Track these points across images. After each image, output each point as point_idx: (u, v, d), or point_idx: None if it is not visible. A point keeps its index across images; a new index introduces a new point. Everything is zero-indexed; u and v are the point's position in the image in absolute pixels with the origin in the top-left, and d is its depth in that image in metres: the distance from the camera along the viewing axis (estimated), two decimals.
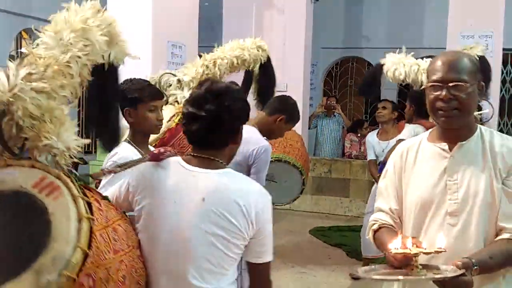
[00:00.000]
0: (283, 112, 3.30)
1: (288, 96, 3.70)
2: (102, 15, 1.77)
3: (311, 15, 7.88)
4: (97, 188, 2.19)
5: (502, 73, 8.14)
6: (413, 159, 1.98)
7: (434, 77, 1.87)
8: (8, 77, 1.49)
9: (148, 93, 2.71)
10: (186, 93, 3.97)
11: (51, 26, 1.67)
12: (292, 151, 4.93)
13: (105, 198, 1.71)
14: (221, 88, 1.79)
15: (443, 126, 1.89)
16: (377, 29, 9.65)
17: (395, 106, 5.40)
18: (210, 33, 8.62)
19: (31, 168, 1.56)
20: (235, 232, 1.70)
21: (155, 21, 5.28)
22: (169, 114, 3.76)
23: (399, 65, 4.21)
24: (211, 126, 1.74)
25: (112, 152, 2.40)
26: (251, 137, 3.07)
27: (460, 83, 1.82)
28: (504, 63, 8.19)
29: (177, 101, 3.93)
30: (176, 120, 3.68)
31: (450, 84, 1.82)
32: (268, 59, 4.12)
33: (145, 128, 2.63)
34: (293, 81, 7.44)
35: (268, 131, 3.27)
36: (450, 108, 1.83)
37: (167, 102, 3.94)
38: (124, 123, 3.52)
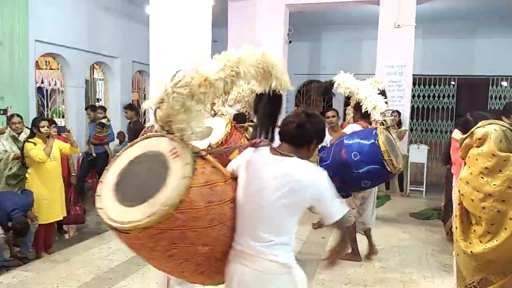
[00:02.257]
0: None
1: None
2: (262, 56, 1.77)
3: (287, 51, 7.89)
4: None
5: (412, 90, 8.15)
6: None
7: None
8: (165, 84, 1.60)
9: None
10: (228, 108, 3.88)
11: (220, 56, 1.71)
12: None
13: (215, 166, 1.68)
14: (310, 111, 1.83)
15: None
16: (330, 61, 9.62)
17: (338, 112, 5.22)
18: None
19: (170, 140, 1.64)
20: (298, 203, 1.69)
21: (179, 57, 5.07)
22: (224, 122, 3.71)
23: (346, 82, 3.86)
24: (298, 131, 1.76)
25: None
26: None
27: None
28: (414, 84, 8.25)
29: (222, 114, 3.84)
30: (230, 127, 3.62)
31: None
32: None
33: None
34: None
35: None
36: None
37: (215, 115, 3.91)
38: None
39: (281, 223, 1.70)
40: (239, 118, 3.73)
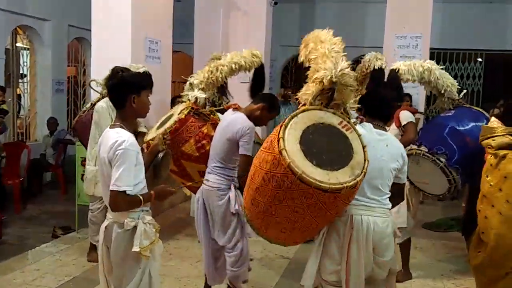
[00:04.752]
0: (265, 101, 3.51)
1: (271, 94, 4.03)
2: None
3: (271, 16, 7.87)
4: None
5: None
6: None
7: None
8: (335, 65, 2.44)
9: (149, 81, 2.71)
10: (197, 93, 4.42)
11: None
12: None
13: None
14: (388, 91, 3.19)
15: None
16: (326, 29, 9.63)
17: None
18: (183, 31, 8.55)
19: (333, 114, 2.51)
20: (398, 169, 2.78)
21: (134, 19, 5.21)
22: (180, 108, 4.26)
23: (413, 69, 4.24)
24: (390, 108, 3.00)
25: (120, 140, 2.37)
26: (239, 119, 3.42)
27: None
28: (431, 60, 8.30)
29: (189, 99, 4.35)
30: (186, 112, 4.13)
31: None
32: (261, 64, 4.36)
33: (142, 113, 2.56)
34: None
35: (253, 117, 3.46)
36: None
37: (182, 101, 4.46)
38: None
39: (388, 182, 2.81)
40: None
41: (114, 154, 2.36)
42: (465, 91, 4.56)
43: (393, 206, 2.82)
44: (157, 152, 2.76)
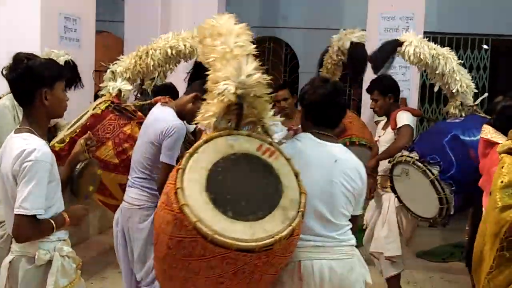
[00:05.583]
0: (197, 89, 3.44)
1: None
2: None
3: None
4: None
5: None
6: None
7: None
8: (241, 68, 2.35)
9: (63, 70, 2.66)
10: (120, 84, 4.44)
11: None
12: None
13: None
14: (339, 84, 3.01)
15: None
16: (295, 8, 9.74)
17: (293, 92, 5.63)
18: (111, 7, 8.45)
19: (248, 137, 2.45)
20: (356, 189, 2.69)
21: None
22: (97, 102, 4.31)
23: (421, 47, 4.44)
24: (340, 113, 2.81)
25: (28, 149, 2.32)
26: (163, 116, 3.42)
27: None
28: None
29: (109, 92, 4.43)
30: (103, 107, 4.14)
31: None
32: None
33: (57, 112, 2.54)
34: None
35: (186, 112, 3.46)
36: None
37: (101, 95, 4.51)
38: None
39: (346, 206, 2.73)
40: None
41: (20, 167, 2.32)
42: (485, 95, 4.77)
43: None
44: (77, 163, 2.73)
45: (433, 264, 6.06)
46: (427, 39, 5.04)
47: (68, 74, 3.60)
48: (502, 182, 2.76)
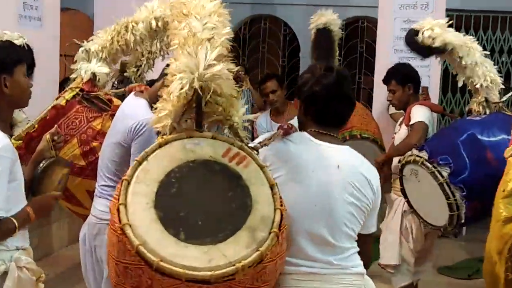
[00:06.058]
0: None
1: None
2: None
3: None
4: None
5: None
6: None
7: None
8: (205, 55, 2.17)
9: (24, 53, 2.73)
10: (94, 66, 4.21)
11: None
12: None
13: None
14: (345, 72, 2.75)
15: None
16: None
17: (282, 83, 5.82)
18: None
19: (214, 139, 2.30)
20: (365, 202, 2.49)
21: None
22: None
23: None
24: (349, 107, 2.64)
25: None
26: (133, 110, 3.35)
27: None
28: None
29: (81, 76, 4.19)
30: (68, 97, 4.00)
31: None
32: None
33: (20, 100, 2.57)
34: None
35: (157, 101, 3.33)
36: None
37: (72, 80, 4.28)
38: None
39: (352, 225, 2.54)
40: None
41: None
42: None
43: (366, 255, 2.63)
44: (41, 161, 2.76)
45: (457, 281, 6.11)
46: (449, 19, 5.02)
47: (30, 58, 3.54)
48: (504, 190, 2.79)
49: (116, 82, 5.06)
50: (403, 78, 4.90)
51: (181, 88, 2.15)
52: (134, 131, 3.21)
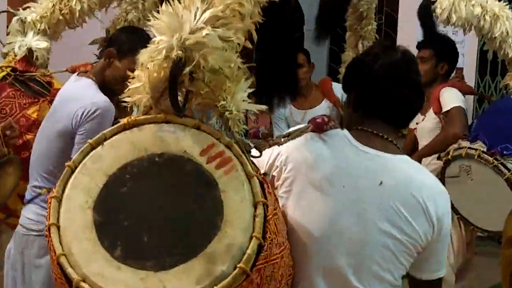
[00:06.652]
0: (113, 45, 3.22)
1: (132, 27, 3.89)
2: None
3: None
4: None
5: None
6: None
7: None
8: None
9: None
10: (31, 40, 3.96)
11: None
12: None
13: (265, 174, 2.07)
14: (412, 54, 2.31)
15: None
16: None
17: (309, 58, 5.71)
18: None
19: (197, 129, 1.87)
20: (411, 236, 2.00)
21: None
22: None
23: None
24: (419, 98, 2.19)
25: None
26: (78, 92, 3.17)
27: None
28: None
29: (14, 52, 4.00)
30: None
31: None
32: None
33: None
34: None
35: (108, 82, 3.22)
36: None
37: (3, 56, 4.12)
38: None
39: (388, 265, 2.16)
40: None
41: None
42: None
43: None
44: None
45: None
46: None
47: None
48: None
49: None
50: (442, 53, 4.73)
51: (158, 55, 1.84)
52: (81, 116, 3.01)
